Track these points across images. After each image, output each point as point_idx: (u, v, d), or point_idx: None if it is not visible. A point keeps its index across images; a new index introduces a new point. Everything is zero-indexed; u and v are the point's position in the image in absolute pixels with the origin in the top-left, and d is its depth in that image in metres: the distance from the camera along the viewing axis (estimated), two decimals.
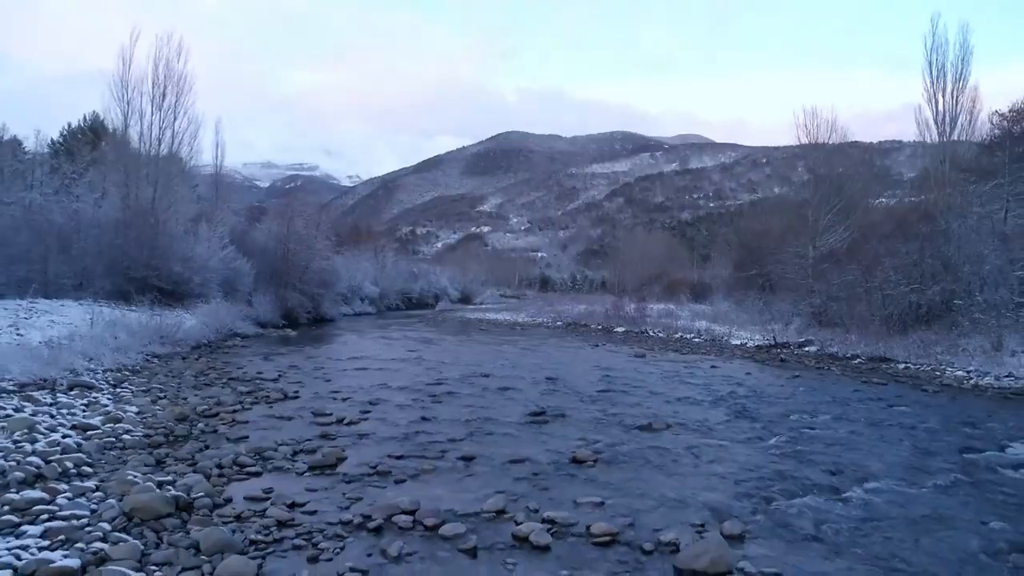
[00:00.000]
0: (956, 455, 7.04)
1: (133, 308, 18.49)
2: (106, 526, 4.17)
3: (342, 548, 4.17)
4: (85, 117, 38.23)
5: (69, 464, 5.48)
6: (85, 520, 4.27)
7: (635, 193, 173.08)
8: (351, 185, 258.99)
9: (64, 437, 6.41)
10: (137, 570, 3.63)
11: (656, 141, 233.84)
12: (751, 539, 4.53)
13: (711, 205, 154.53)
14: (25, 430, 6.50)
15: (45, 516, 4.30)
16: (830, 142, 25.54)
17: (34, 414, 7.26)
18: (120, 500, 4.54)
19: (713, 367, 14.38)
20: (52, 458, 5.56)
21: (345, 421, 7.93)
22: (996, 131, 21.10)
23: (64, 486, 4.92)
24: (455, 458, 6.41)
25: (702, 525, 4.70)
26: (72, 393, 8.84)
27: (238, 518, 4.58)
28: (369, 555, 4.09)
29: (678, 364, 14.95)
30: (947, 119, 29.89)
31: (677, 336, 22.58)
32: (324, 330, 24.91)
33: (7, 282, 19.45)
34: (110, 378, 10.30)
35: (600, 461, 6.43)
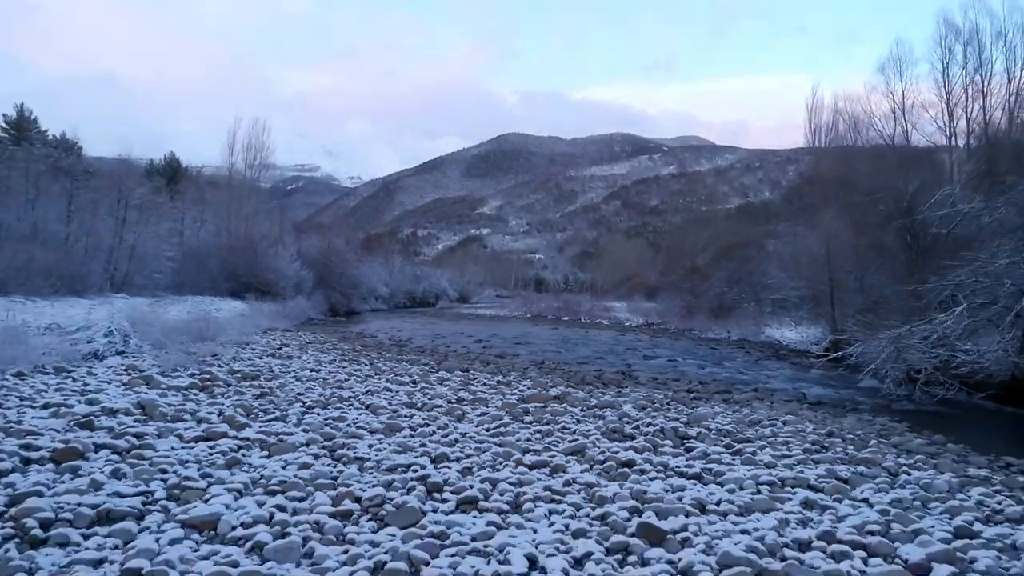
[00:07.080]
0: (639, 354, 20.44)
1: (249, 301, 32.00)
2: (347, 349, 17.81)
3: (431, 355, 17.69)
4: (164, 157, 52.29)
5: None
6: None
7: (631, 196, 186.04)
8: (352, 186, 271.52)
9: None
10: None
11: (655, 143, 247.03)
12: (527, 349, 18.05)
13: (703, 209, 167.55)
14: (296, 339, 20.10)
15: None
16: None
17: (294, 336, 20.90)
18: (354, 342, 18.18)
19: (586, 332, 27.87)
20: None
21: (402, 341, 21.42)
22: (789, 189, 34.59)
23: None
24: (446, 347, 19.97)
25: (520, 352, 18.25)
26: (289, 332, 22.30)
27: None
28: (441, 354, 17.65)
29: (572, 332, 28.40)
30: None
31: (597, 321, 36.07)
32: (360, 319, 38.42)
33: (171, 284, 33.10)
34: (292, 328, 23.77)
35: (491, 348, 19.94)
